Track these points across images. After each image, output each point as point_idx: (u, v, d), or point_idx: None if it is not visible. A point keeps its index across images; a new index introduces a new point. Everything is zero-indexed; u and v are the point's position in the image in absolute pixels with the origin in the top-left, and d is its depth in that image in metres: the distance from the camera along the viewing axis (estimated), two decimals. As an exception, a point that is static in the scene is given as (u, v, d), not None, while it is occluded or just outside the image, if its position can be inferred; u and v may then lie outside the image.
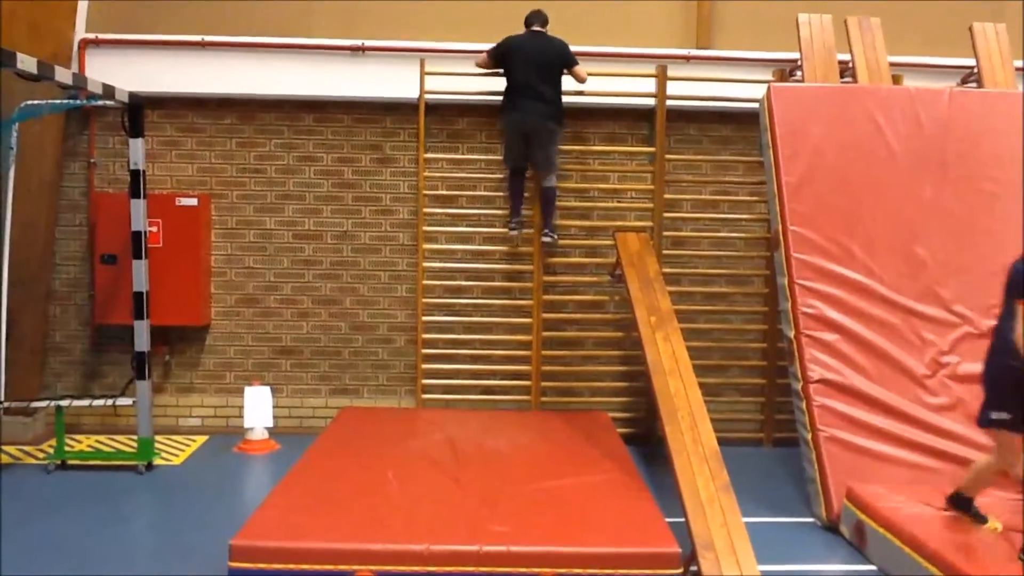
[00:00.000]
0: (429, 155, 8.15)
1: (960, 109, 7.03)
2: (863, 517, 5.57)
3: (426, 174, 8.15)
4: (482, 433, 7.00)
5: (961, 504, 5.28)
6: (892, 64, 7.45)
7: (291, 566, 4.55)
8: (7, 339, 7.35)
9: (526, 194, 7.94)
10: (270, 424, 7.87)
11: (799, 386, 6.39)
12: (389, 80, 8.06)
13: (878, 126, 6.93)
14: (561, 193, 8.25)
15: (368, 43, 8.08)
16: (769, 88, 7.02)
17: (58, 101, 7.18)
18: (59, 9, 7.80)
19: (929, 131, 6.95)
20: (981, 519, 5.19)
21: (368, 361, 8.38)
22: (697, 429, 5.69)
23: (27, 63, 5.68)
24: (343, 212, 8.31)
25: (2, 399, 7.17)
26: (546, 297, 8.18)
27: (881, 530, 5.32)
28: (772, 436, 8.15)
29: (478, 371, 8.25)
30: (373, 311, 8.36)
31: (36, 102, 7.12)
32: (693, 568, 4.75)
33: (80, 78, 6.58)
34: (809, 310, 6.48)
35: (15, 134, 7.22)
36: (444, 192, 8.26)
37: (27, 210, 7.60)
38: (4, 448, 7.53)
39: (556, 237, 7.95)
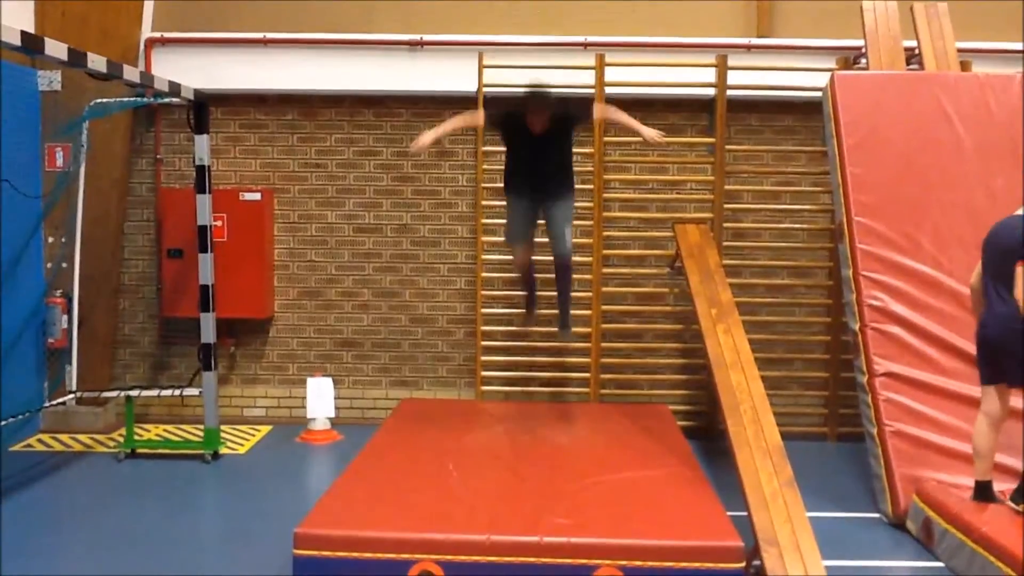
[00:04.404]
0: (487, 148, 8.16)
1: (1032, 95, 6.82)
2: (931, 514, 5.45)
3: (484, 167, 8.17)
4: (541, 425, 7.00)
5: (985, 494, 5.31)
6: (960, 50, 7.24)
7: (354, 554, 4.60)
8: (79, 331, 7.58)
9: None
10: (332, 415, 7.98)
11: (864, 380, 6.27)
12: (447, 74, 8.09)
13: (946, 114, 6.74)
14: (620, 185, 8.21)
15: (426, 38, 8.12)
16: (833, 76, 6.88)
17: (126, 99, 7.38)
18: (127, 10, 7.99)
19: (1000, 118, 6.74)
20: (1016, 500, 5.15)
21: (428, 353, 8.44)
22: (760, 423, 5.61)
23: (97, 63, 5.84)
24: (403, 205, 8.38)
25: (75, 389, 7.40)
26: (605, 289, 8.15)
27: (950, 528, 5.20)
28: (836, 430, 8.02)
29: (537, 363, 8.25)
30: (432, 303, 8.42)
31: (105, 100, 7.33)
32: (756, 563, 4.70)
33: (147, 76, 6.73)
34: (875, 302, 6.35)
35: (85, 132, 7.43)
36: (502, 185, 8.23)
37: (97, 206, 7.82)
38: (76, 436, 7.77)
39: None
